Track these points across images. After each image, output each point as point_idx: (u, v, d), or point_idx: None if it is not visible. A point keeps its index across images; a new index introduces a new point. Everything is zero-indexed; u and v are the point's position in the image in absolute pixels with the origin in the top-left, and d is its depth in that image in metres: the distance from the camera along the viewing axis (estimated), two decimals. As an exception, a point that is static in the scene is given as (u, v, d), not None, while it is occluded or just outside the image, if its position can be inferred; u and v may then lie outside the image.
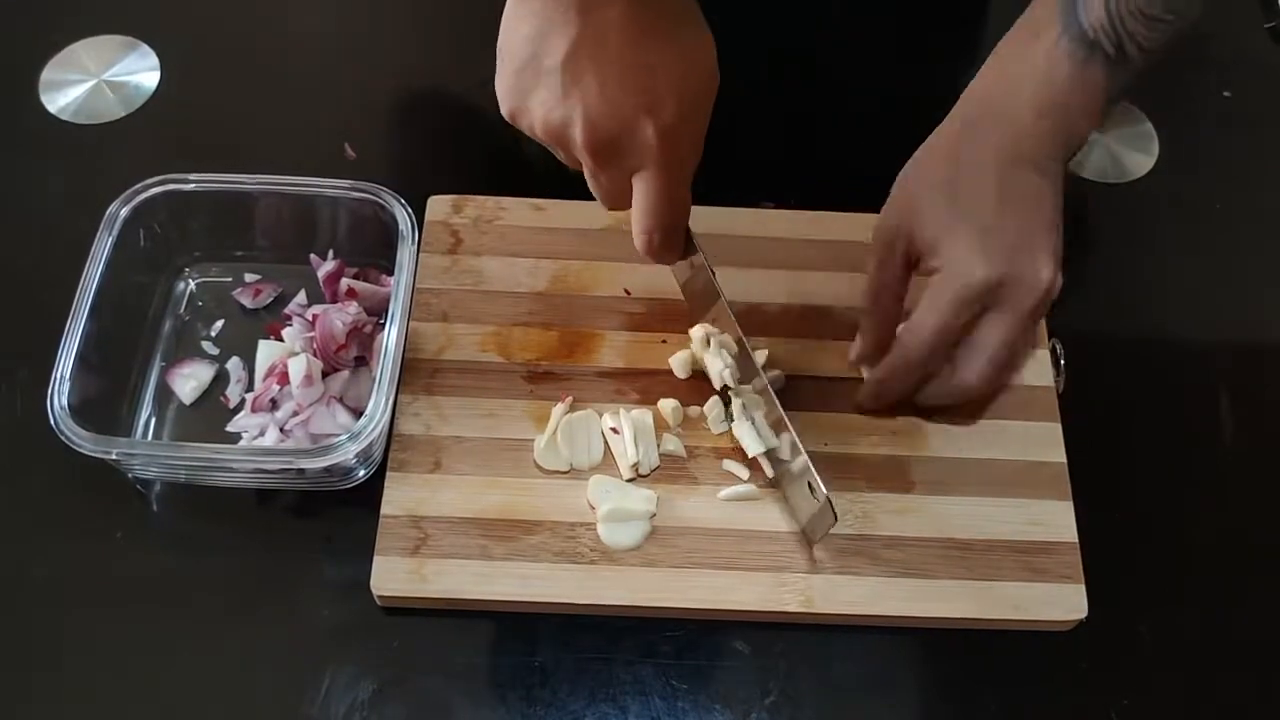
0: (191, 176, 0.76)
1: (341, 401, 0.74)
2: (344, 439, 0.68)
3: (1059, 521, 0.73)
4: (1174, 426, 0.79)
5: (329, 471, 0.71)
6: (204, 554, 0.72)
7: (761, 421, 0.73)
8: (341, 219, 0.78)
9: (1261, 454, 0.78)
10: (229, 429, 0.74)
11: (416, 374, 0.76)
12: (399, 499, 0.72)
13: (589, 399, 0.76)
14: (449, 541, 0.70)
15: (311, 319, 0.77)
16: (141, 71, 0.91)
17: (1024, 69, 0.71)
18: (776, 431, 0.72)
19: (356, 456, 0.69)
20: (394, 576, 0.69)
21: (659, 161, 0.63)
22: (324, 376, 0.74)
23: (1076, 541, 0.72)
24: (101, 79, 0.90)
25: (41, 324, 0.72)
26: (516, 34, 0.62)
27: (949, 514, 0.73)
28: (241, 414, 0.74)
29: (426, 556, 0.70)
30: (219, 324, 0.79)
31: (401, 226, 0.75)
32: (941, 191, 0.70)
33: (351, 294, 0.78)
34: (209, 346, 0.78)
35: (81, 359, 0.69)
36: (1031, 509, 0.73)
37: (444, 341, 0.78)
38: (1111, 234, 0.87)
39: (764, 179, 0.85)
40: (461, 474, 0.73)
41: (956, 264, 0.68)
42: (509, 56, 0.63)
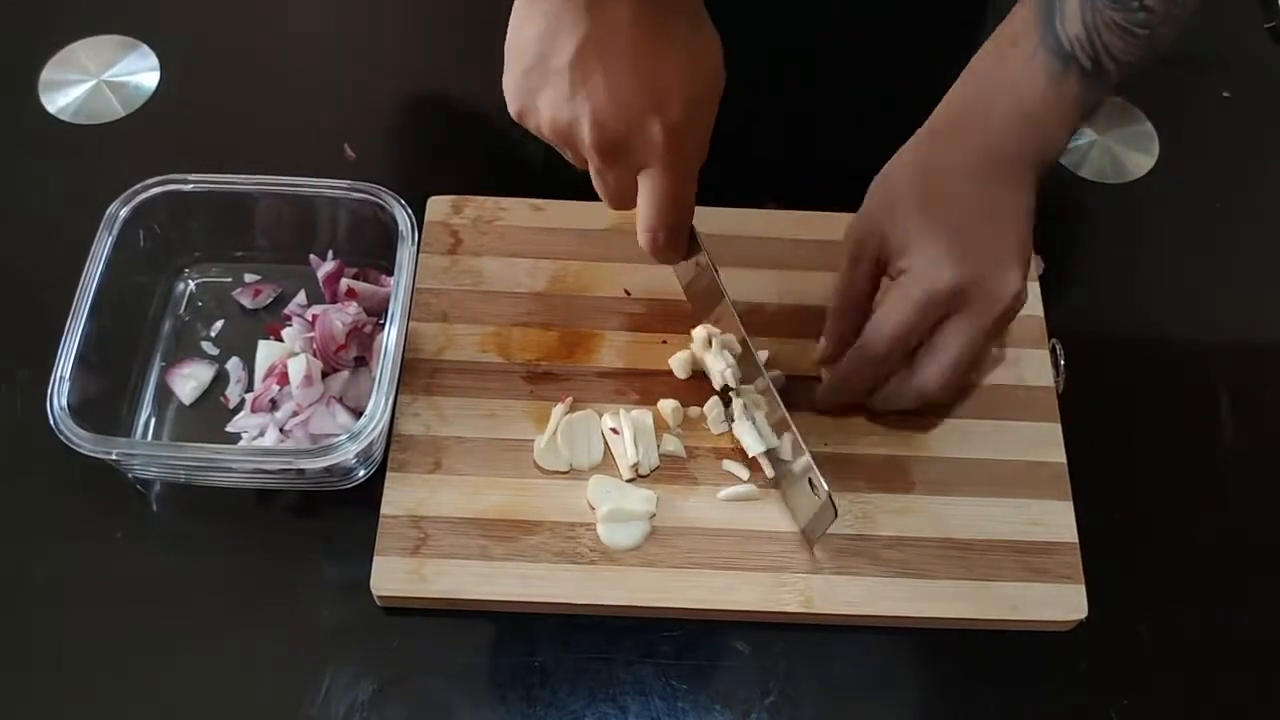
0: (191, 177, 0.76)
1: (341, 402, 0.74)
2: (344, 439, 0.68)
3: (1059, 521, 0.73)
4: (1174, 426, 0.79)
5: (329, 471, 0.71)
6: (204, 554, 0.72)
7: (762, 421, 0.73)
8: (341, 219, 0.78)
9: (1261, 454, 0.78)
10: (229, 429, 0.74)
11: (416, 374, 0.76)
12: (399, 499, 0.72)
13: (589, 399, 0.76)
14: (449, 541, 0.70)
15: (311, 319, 0.77)
16: (141, 71, 0.91)
17: (1000, 79, 0.71)
18: (778, 432, 0.72)
19: (356, 456, 0.69)
20: (394, 576, 0.69)
21: (665, 160, 0.63)
22: (324, 377, 0.74)
23: (1076, 541, 0.72)
24: (101, 79, 0.90)
25: (41, 324, 0.72)
26: (524, 34, 0.62)
27: (949, 514, 0.73)
28: (241, 414, 0.74)
29: (426, 556, 0.70)
30: (219, 324, 0.79)
31: (401, 227, 0.75)
32: (914, 197, 0.70)
33: (351, 294, 0.78)
34: (209, 347, 0.78)
35: (81, 359, 0.69)
36: (1031, 509, 0.73)
37: (444, 342, 0.78)
38: (1111, 234, 0.87)
39: (764, 179, 0.85)
40: (461, 474, 0.73)
41: (923, 267, 0.68)
42: (517, 56, 0.62)
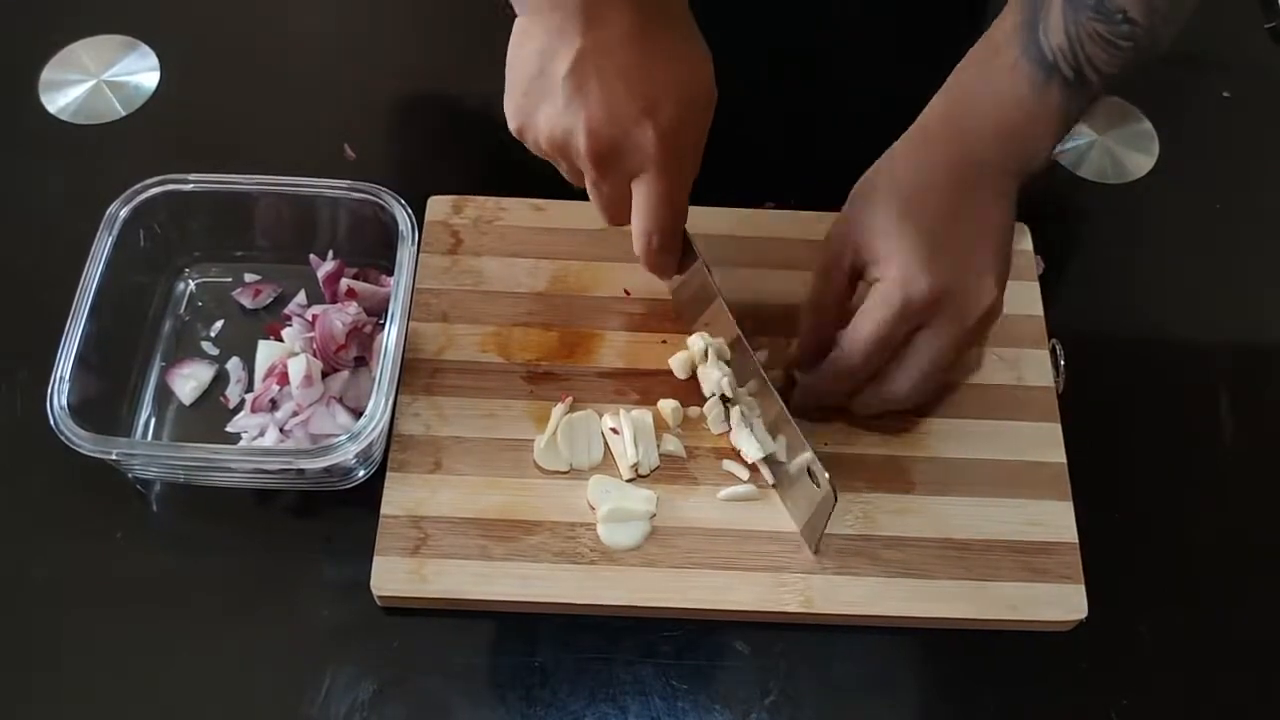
0: (191, 177, 0.76)
1: (341, 402, 0.74)
2: (344, 439, 0.68)
3: (1059, 522, 0.73)
4: (1174, 426, 0.79)
5: (329, 471, 0.71)
6: (204, 554, 0.72)
7: (760, 425, 0.73)
8: (341, 219, 0.78)
9: (1261, 454, 0.78)
10: (229, 429, 0.74)
11: (416, 374, 0.76)
12: (399, 499, 0.72)
13: (589, 399, 0.76)
14: (449, 541, 0.70)
15: (311, 319, 0.77)
16: (141, 71, 0.91)
17: (983, 89, 0.71)
18: (775, 432, 0.72)
19: (356, 456, 0.69)
20: (394, 576, 0.69)
21: (658, 164, 0.64)
22: (324, 377, 0.74)
23: (1076, 542, 0.72)
24: (101, 79, 0.90)
25: (41, 324, 0.72)
26: (524, 52, 0.64)
27: (949, 514, 0.73)
28: (241, 414, 0.74)
29: (426, 556, 0.70)
30: (219, 324, 0.79)
31: (401, 227, 0.75)
32: (893, 205, 0.69)
33: (351, 294, 0.78)
34: (209, 347, 0.78)
35: (81, 359, 0.69)
36: (1031, 509, 0.73)
37: (444, 342, 0.78)
38: (1111, 234, 0.87)
39: (764, 179, 0.85)
40: (461, 474, 0.73)
41: (899, 277, 0.68)
42: (517, 74, 0.65)
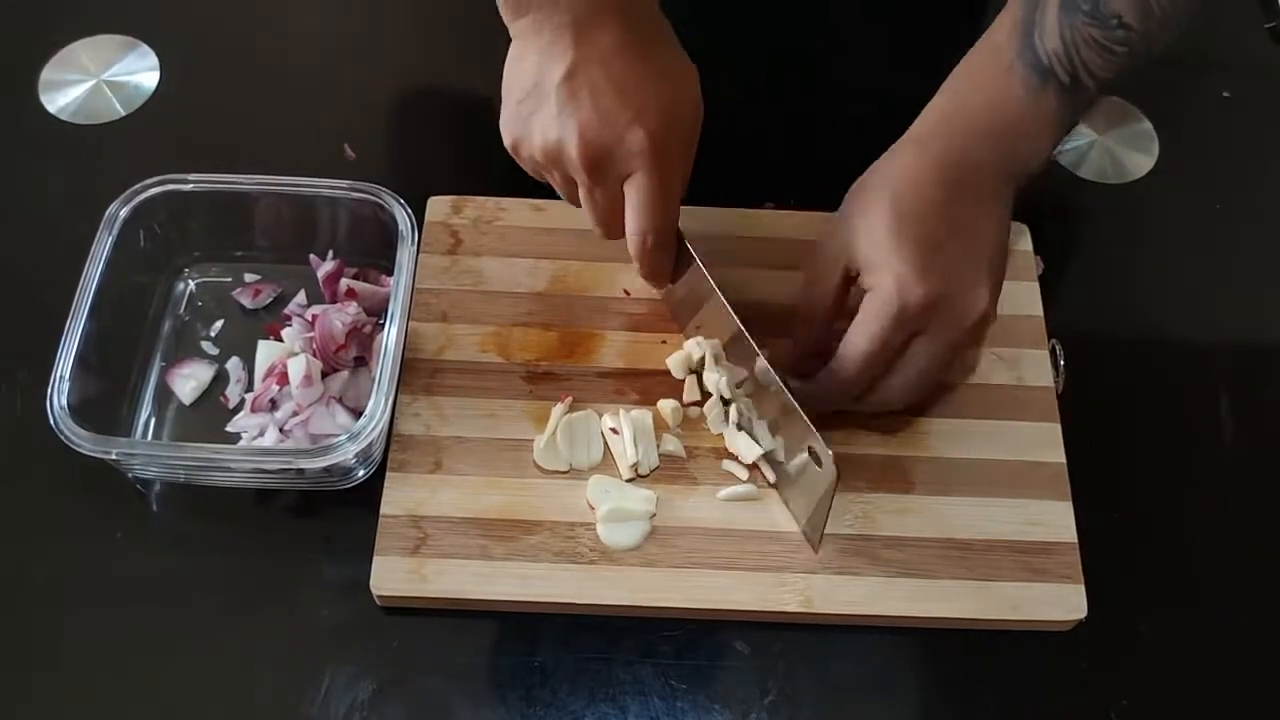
0: (191, 177, 0.76)
1: (341, 401, 0.74)
2: (344, 439, 0.68)
3: (1058, 521, 0.73)
4: (1174, 426, 0.79)
5: (329, 471, 0.71)
6: (204, 554, 0.72)
7: (761, 428, 0.72)
8: (341, 219, 0.78)
9: (1261, 454, 0.78)
10: (229, 429, 0.74)
11: (416, 374, 0.76)
12: (399, 499, 0.72)
13: (589, 399, 0.76)
14: (449, 541, 0.70)
15: (311, 319, 0.77)
16: (141, 71, 0.91)
17: (978, 93, 0.71)
18: (775, 430, 0.72)
19: (356, 456, 0.69)
20: (394, 576, 0.69)
21: (649, 164, 0.66)
22: (324, 377, 0.74)
23: (1076, 541, 0.72)
24: (101, 79, 0.90)
25: (41, 324, 0.72)
26: (519, 69, 0.67)
27: (949, 514, 0.73)
28: (241, 414, 0.74)
29: (426, 556, 0.70)
30: (219, 324, 0.79)
31: (401, 227, 0.75)
32: (888, 211, 0.69)
33: (351, 294, 0.78)
34: (209, 346, 0.78)
35: (81, 359, 0.69)
36: (1031, 509, 0.73)
37: (444, 341, 0.78)
38: (1111, 234, 0.87)
39: (764, 180, 0.85)
40: (461, 474, 0.73)
41: (893, 286, 0.67)
42: (512, 90, 0.67)
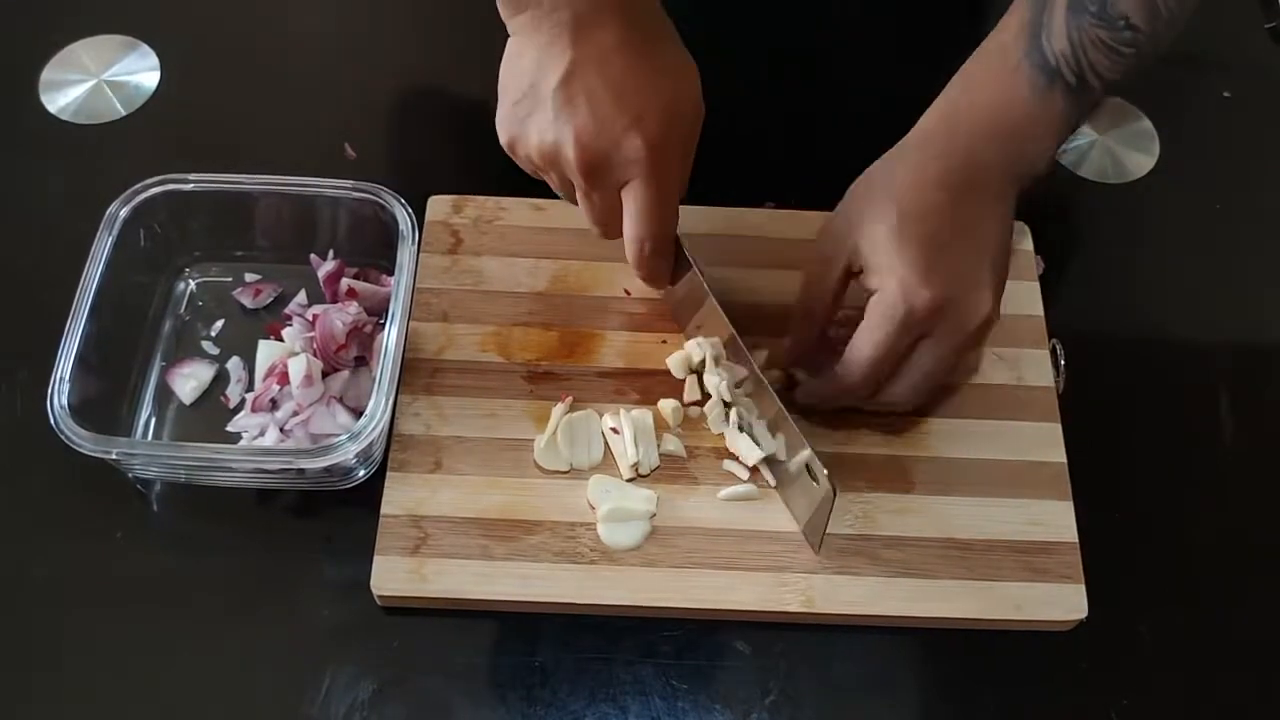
0: (191, 176, 0.76)
1: (341, 401, 0.74)
2: (344, 439, 0.68)
3: (1059, 521, 0.73)
4: (1174, 426, 0.79)
5: (329, 471, 0.71)
6: (204, 554, 0.72)
7: (761, 428, 0.73)
8: (341, 219, 0.78)
9: (1261, 454, 0.78)
10: (229, 429, 0.74)
11: (416, 374, 0.76)
12: (399, 499, 0.72)
13: (589, 399, 0.76)
14: (449, 541, 0.70)
15: (311, 319, 0.77)
16: (141, 71, 0.91)
17: (985, 93, 0.71)
18: (775, 430, 0.72)
19: (356, 456, 0.69)
20: (394, 576, 0.69)
21: (647, 172, 0.65)
22: (324, 376, 0.74)
23: (1076, 541, 0.72)
24: (101, 79, 0.90)
25: (41, 324, 0.72)
26: (516, 67, 0.66)
27: (949, 514, 0.73)
28: (241, 414, 0.74)
29: (426, 556, 0.70)
30: (219, 324, 0.79)
31: (401, 226, 0.75)
32: (892, 212, 0.69)
33: (351, 294, 0.78)
34: (209, 346, 0.78)
35: (81, 359, 0.69)
36: (1031, 509, 0.73)
37: (444, 341, 0.78)
38: (1111, 234, 0.87)
39: (764, 179, 0.85)
40: (462, 474, 0.73)
41: (899, 290, 0.67)
42: (509, 90, 0.66)
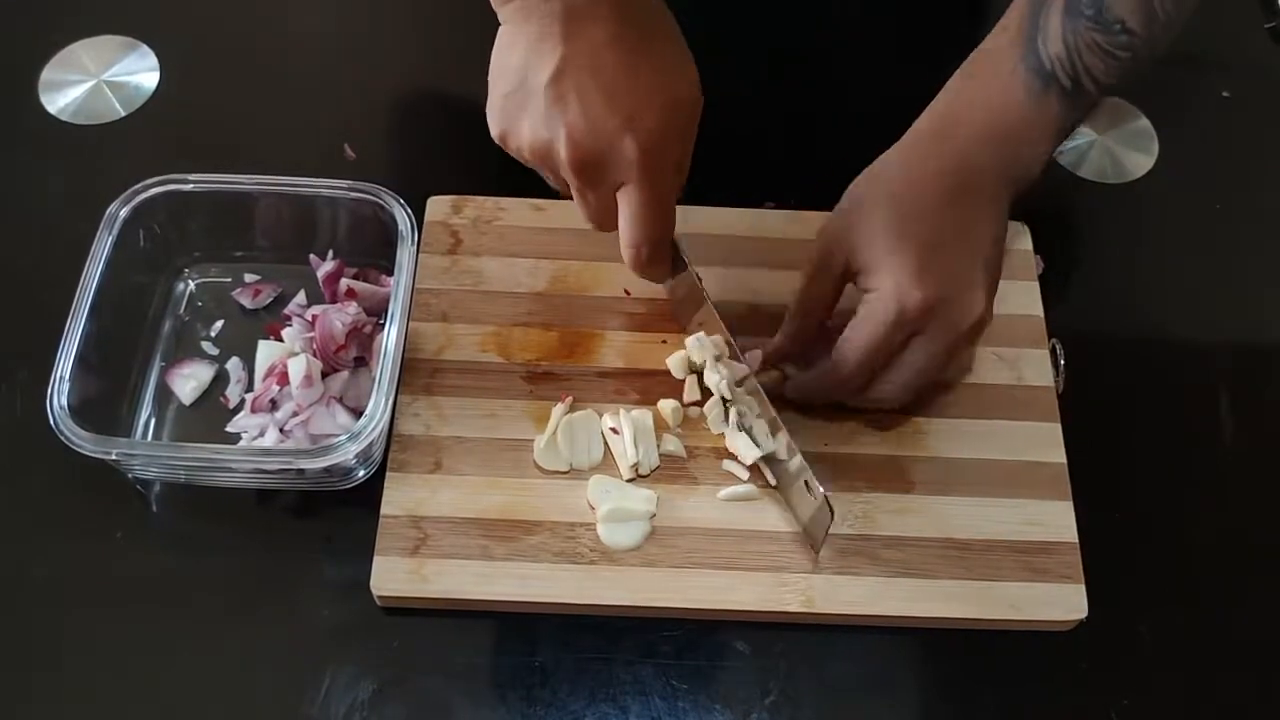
0: (191, 177, 0.76)
1: (341, 402, 0.74)
2: (344, 439, 0.68)
3: (1059, 521, 0.73)
4: (1174, 426, 0.79)
5: (329, 471, 0.71)
6: (204, 554, 0.72)
7: (761, 425, 0.73)
8: (341, 219, 0.78)
9: (1261, 454, 0.78)
10: (229, 429, 0.74)
11: (416, 374, 0.76)
12: (399, 499, 0.72)
13: (589, 399, 0.76)
14: (449, 541, 0.70)
15: (311, 319, 0.77)
16: (141, 71, 0.91)
17: (980, 96, 0.71)
18: (775, 430, 0.72)
19: (356, 457, 0.69)
20: (394, 576, 0.69)
21: (642, 177, 0.64)
22: (324, 377, 0.74)
23: (1076, 541, 0.72)
24: (101, 79, 0.90)
25: (41, 324, 0.72)
26: (507, 59, 0.64)
27: (949, 514, 0.73)
28: (241, 414, 0.74)
29: (426, 556, 0.70)
30: (219, 324, 0.79)
31: (401, 227, 0.75)
32: (887, 213, 0.69)
33: (351, 294, 0.78)
34: (209, 346, 0.78)
35: (81, 359, 0.69)
36: (1031, 509, 0.73)
37: (444, 341, 0.78)
38: (1111, 234, 0.87)
39: (764, 179, 0.85)
40: (461, 474, 0.73)
41: (892, 290, 0.68)
42: (499, 80, 0.65)
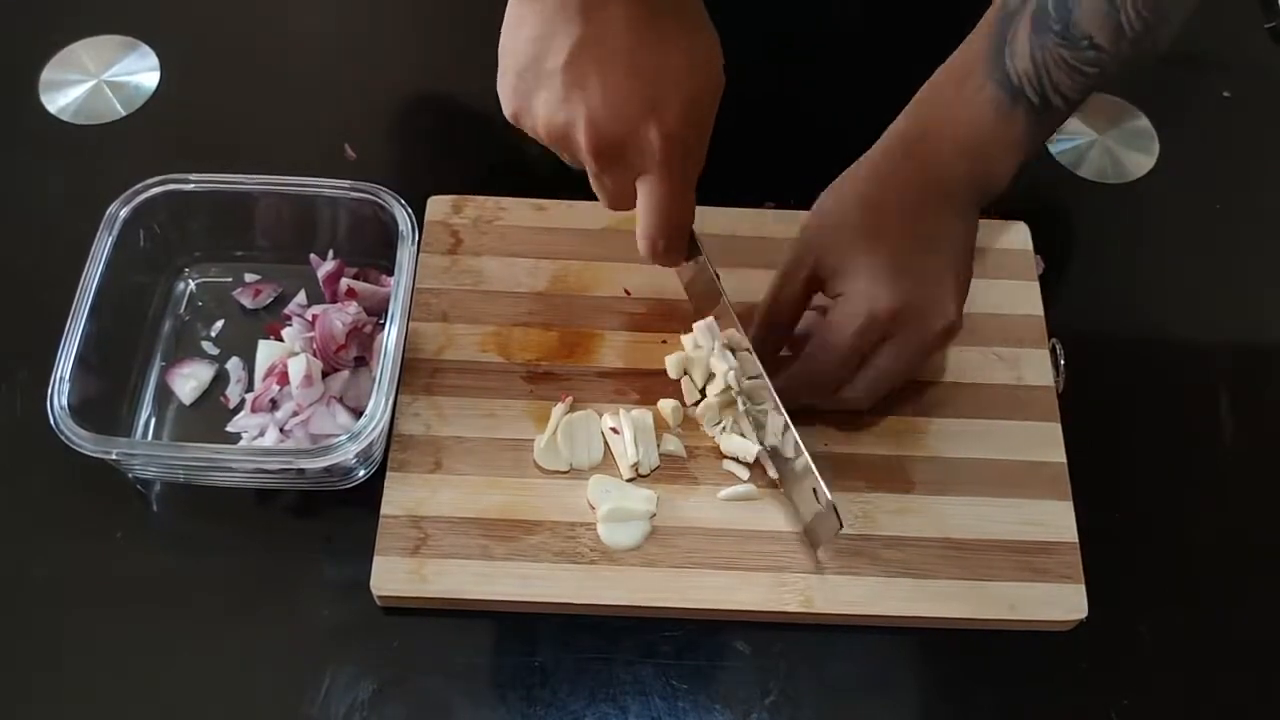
0: (191, 176, 0.76)
1: (341, 401, 0.74)
2: (344, 439, 0.68)
3: (1059, 521, 0.73)
4: (1174, 426, 0.79)
5: (329, 471, 0.71)
6: (204, 554, 0.72)
7: (776, 420, 0.72)
8: (341, 219, 0.78)
9: (1261, 454, 0.78)
10: (229, 429, 0.74)
11: (416, 374, 0.76)
12: (399, 499, 0.72)
13: (589, 399, 0.76)
14: (449, 541, 0.70)
15: (311, 319, 0.77)
16: (141, 71, 0.91)
17: (949, 110, 0.71)
18: (784, 428, 0.71)
19: (356, 456, 0.69)
20: (394, 576, 0.69)
21: (663, 165, 0.62)
22: (324, 376, 0.74)
23: (1076, 541, 0.72)
24: (101, 79, 0.90)
25: (41, 324, 0.72)
26: (519, 35, 0.61)
27: (949, 514, 0.73)
28: (241, 414, 0.74)
29: (426, 556, 0.70)
30: (219, 324, 0.79)
31: (401, 226, 0.75)
32: (857, 223, 0.70)
33: (351, 294, 0.78)
34: (209, 346, 0.78)
35: (81, 359, 0.69)
36: (1031, 509, 0.73)
37: (444, 341, 0.78)
38: (1111, 234, 0.87)
39: (764, 179, 0.85)
40: (461, 474, 0.73)
41: (862, 295, 0.68)
42: (511, 57, 0.62)
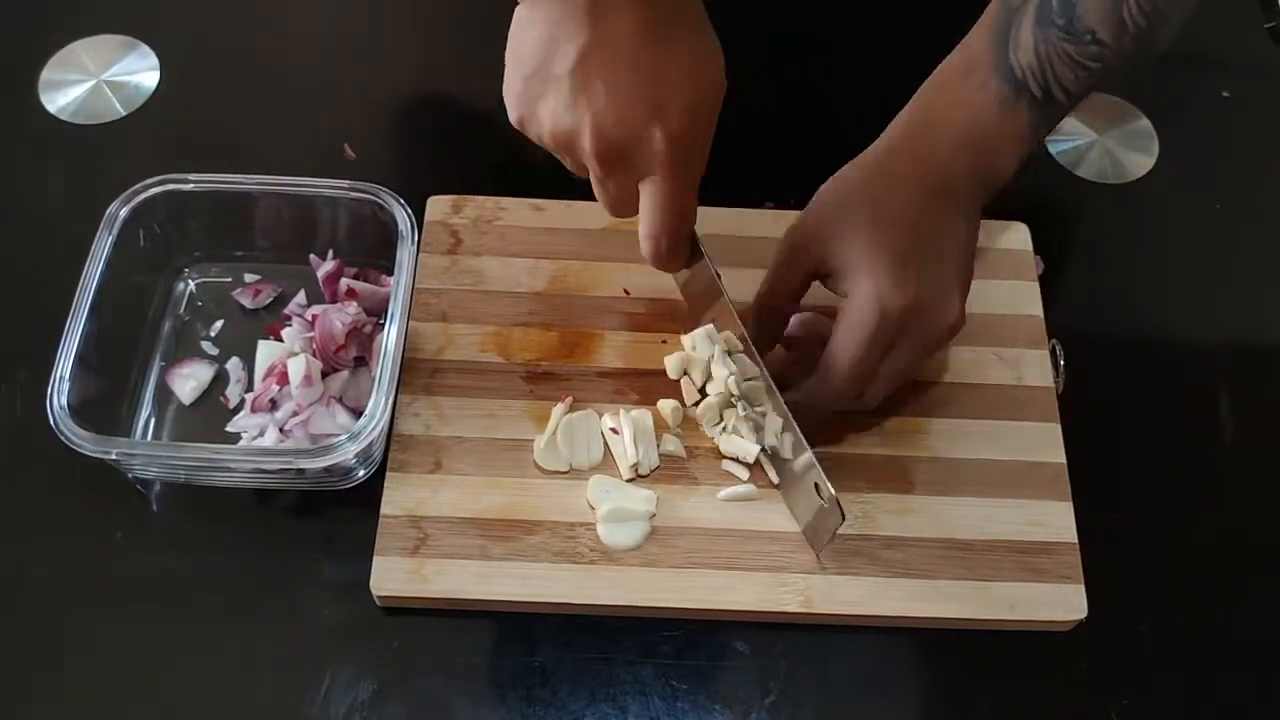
0: (191, 176, 0.76)
1: (341, 401, 0.74)
2: (344, 439, 0.68)
3: (1058, 522, 0.73)
4: (1174, 426, 0.79)
5: (329, 471, 0.71)
6: (204, 554, 0.72)
7: (774, 422, 0.72)
8: (341, 219, 0.78)
9: (1261, 454, 0.78)
10: (229, 429, 0.74)
11: (416, 374, 0.76)
12: (399, 499, 0.72)
13: (589, 399, 0.76)
14: (449, 541, 0.70)
15: (311, 319, 0.77)
16: (141, 71, 0.91)
17: (952, 104, 0.71)
18: (784, 428, 0.71)
19: (356, 456, 0.69)
20: (394, 576, 0.69)
21: (667, 169, 0.63)
22: (324, 376, 0.74)
23: (1076, 542, 0.72)
24: (101, 79, 0.90)
25: (41, 324, 0.72)
26: (525, 40, 0.61)
27: (949, 514, 0.73)
28: (241, 414, 0.74)
29: (426, 556, 0.70)
30: (219, 324, 0.79)
31: (401, 226, 0.75)
32: (862, 219, 0.69)
33: (351, 294, 0.78)
34: (209, 346, 0.78)
35: (81, 359, 0.69)
36: (1031, 509, 0.73)
37: (444, 341, 0.78)
38: (1111, 234, 0.87)
39: (764, 179, 0.85)
40: (461, 474, 0.73)
41: (874, 293, 0.68)
42: (518, 63, 0.62)
